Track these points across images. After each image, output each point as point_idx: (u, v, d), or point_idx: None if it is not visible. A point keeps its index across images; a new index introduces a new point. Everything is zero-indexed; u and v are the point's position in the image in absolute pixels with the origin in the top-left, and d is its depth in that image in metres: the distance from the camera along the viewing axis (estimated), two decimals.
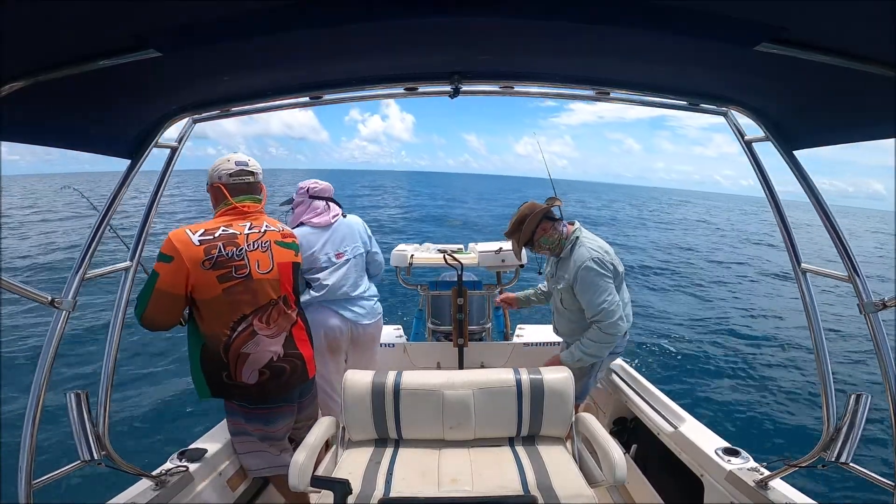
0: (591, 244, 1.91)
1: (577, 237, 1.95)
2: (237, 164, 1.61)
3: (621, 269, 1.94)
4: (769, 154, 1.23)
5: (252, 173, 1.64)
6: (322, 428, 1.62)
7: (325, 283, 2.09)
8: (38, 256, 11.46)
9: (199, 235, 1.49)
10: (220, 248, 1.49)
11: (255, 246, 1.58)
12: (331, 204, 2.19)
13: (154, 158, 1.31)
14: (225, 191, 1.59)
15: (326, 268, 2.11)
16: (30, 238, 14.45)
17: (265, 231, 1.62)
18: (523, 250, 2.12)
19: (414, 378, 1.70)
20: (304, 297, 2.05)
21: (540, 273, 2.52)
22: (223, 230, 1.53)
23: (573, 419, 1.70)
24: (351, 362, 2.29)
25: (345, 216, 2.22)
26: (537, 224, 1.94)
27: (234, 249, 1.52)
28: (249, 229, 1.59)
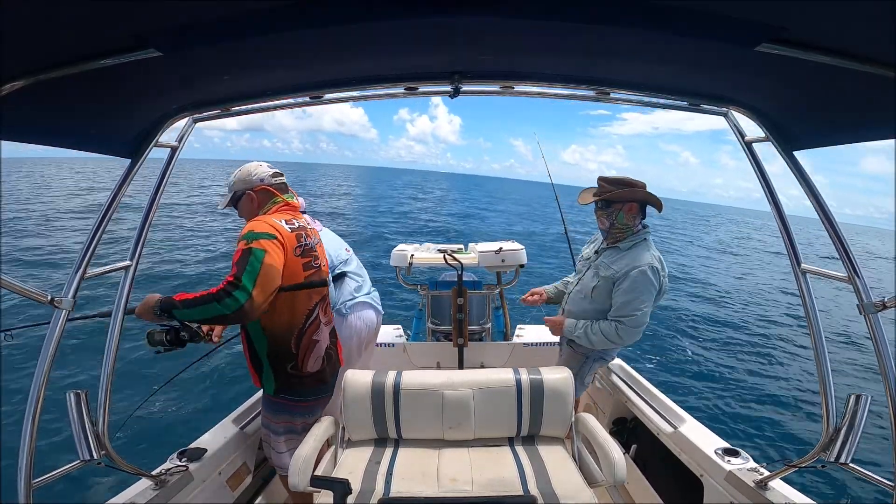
0: (655, 252, 1.86)
1: (645, 238, 1.88)
2: (269, 167, 1.69)
3: (665, 289, 1.88)
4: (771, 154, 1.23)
5: (282, 174, 1.72)
6: (322, 428, 1.62)
7: (360, 273, 2.15)
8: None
9: (287, 224, 1.56)
10: (304, 237, 1.59)
11: (317, 239, 1.70)
12: (308, 217, 2.23)
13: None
14: (273, 190, 1.65)
15: (347, 259, 2.16)
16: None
17: (312, 227, 1.75)
18: (595, 207, 1.93)
19: (414, 378, 1.70)
20: (347, 296, 2.07)
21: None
22: (296, 223, 1.61)
23: (573, 419, 1.70)
24: (364, 355, 2.28)
25: None
26: (633, 200, 1.85)
27: (311, 241, 1.64)
28: (308, 224, 1.70)
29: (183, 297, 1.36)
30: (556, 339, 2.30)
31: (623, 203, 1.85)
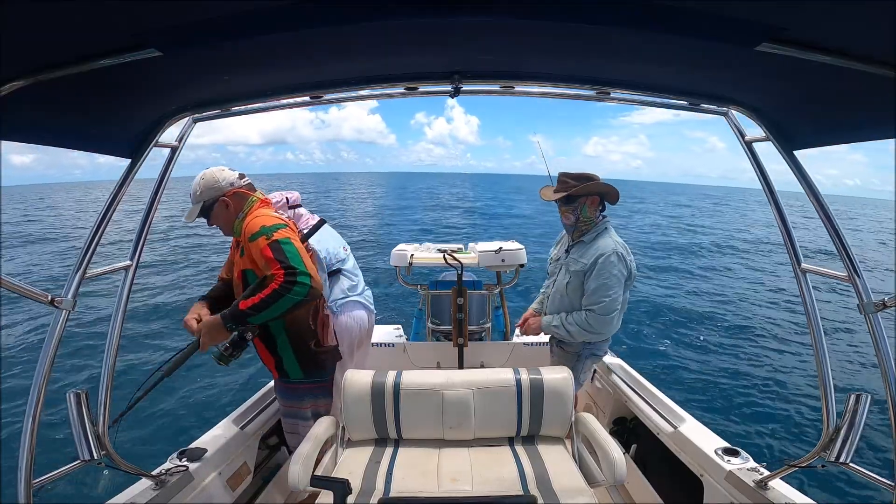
0: (617, 238, 1.90)
1: (606, 228, 1.93)
2: (232, 170, 1.71)
3: (634, 273, 1.91)
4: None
5: (245, 174, 1.74)
6: (322, 427, 1.62)
7: (355, 273, 2.16)
8: None
9: (280, 216, 1.65)
10: (297, 226, 1.69)
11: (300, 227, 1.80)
12: (304, 210, 2.21)
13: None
14: (245, 190, 1.69)
15: (344, 259, 2.15)
16: None
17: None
18: (559, 202, 1.96)
19: (414, 378, 1.70)
20: (339, 295, 2.07)
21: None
22: (283, 214, 1.71)
23: (573, 419, 1.70)
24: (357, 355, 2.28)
25: None
26: (595, 193, 1.91)
27: (300, 227, 1.74)
28: (303, 216, 1.82)
29: (250, 304, 1.43)
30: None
31: (587, 197, 1.91)
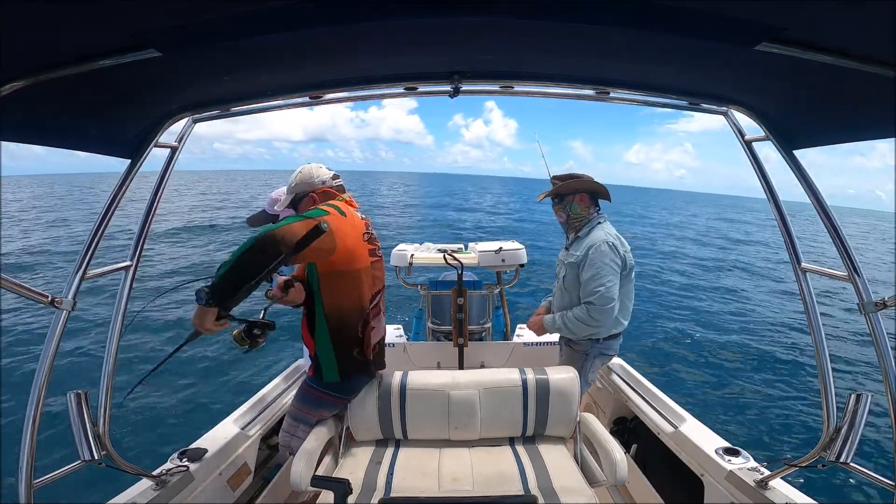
0: (610, 230, 1.95)
1: (599, 223, 2.00)
2: (328, 169, 1.73)
3: (630, 263, 1.94)
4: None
5: (339, 176, 1.75)
6: (324, 428, 1.62)
7: None
8: None
9: (357, 212, 1.64)
10: (369, 226, 1.68)
11: (375, 234, 1.77)
12: None
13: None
14: (334, 191, 1.70)
15: None
16: None
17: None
18: (553, 204, 2.10)
19: (420, 378, 1.71)
20: None
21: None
22: (361, 215, 1.69)
23: (577, 419, 1.70)
24: None
25: None
26: (581, 190, 2.00)
27: (374, 232, 1.72)
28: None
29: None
30: (556, 338, 2.31)
31: (574, 194, 2.00)
